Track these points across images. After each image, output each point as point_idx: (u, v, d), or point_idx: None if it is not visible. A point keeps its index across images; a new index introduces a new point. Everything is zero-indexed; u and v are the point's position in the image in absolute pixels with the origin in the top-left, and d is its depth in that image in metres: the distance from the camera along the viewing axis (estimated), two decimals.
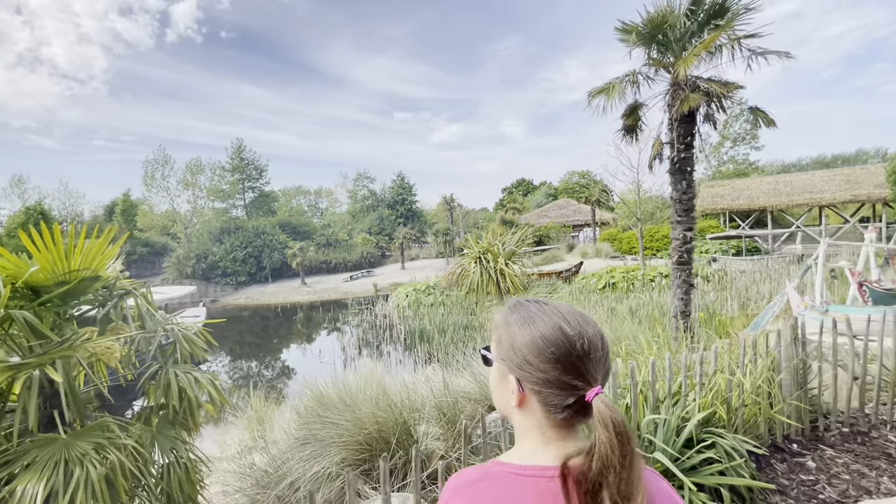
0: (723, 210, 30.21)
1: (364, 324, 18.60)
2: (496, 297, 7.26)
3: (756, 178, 32.45)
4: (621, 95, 6.06)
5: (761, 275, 18.63)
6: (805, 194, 27.59)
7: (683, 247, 6.06)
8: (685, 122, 5.89)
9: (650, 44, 5.84)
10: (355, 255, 37.59)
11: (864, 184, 25.76)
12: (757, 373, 3.25)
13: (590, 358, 0.70)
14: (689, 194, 6.03)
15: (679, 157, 5.96)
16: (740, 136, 41.07)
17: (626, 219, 30.32)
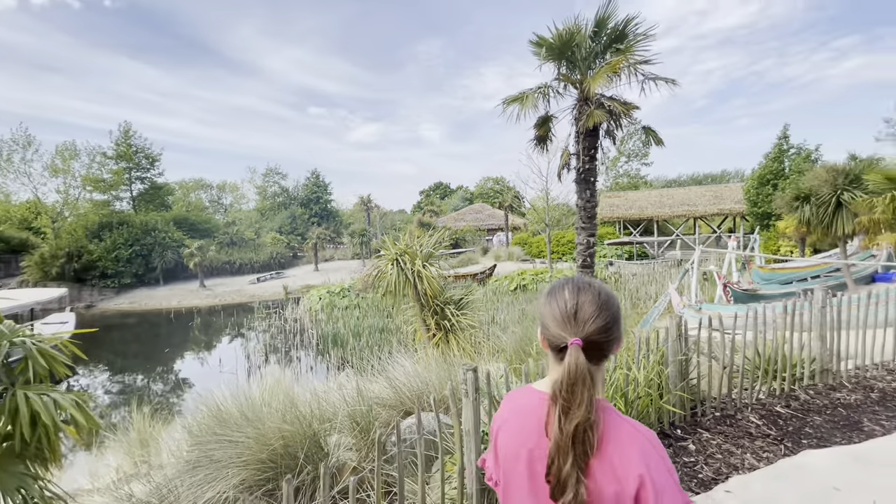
0: (618, 218, 33.38)
1: (272, 329, 17.44)
2: (413, 300, 7.20)
3: (645, 192, 36.39)
4: (534, 106, 6.39)
5: (649, 277, 20.89)
6: (683, 207, 31.53)
7: (587, 251, 6.55)
8: (590, 135, 6.38)
9: (560, 59, 6.24)
10: (263, 255, 35.16)
11: (727, 199, 30.15)
12: (649, 367, 3.57)
13: (576, 318, 0.96)
14: (592, 203, 6.54)
15: (584, 167, 6.44)
16: (634, 152, 45.77)
17: (535, 224, 32.14)
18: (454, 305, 7.02)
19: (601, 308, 0.97)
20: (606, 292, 1.02)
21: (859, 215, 11.78)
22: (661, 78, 6.18)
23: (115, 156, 36.03)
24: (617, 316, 0.99)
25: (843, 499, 2.73)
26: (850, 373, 4.81)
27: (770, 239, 23.27)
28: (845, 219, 12.66)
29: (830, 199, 13.00)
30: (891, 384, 4.53)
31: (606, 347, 0.97)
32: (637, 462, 0.87)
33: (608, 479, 0.88)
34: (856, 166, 14.48)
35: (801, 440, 3.55)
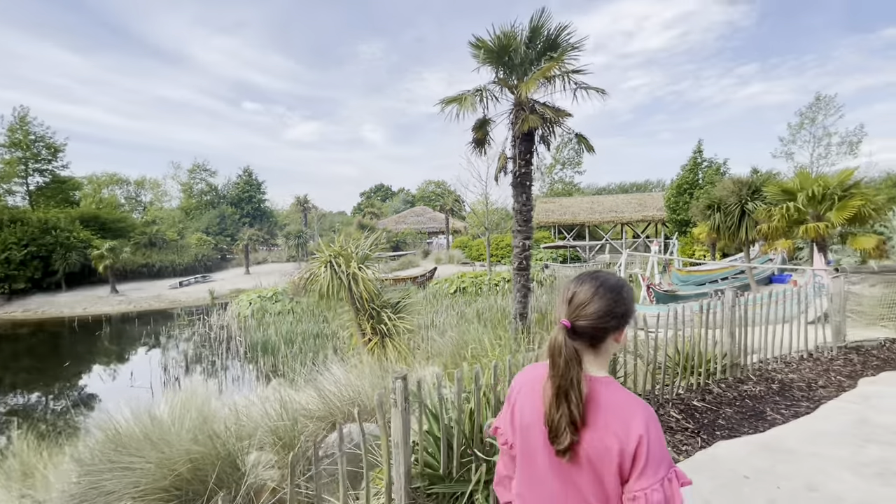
0: (553, 223, 34.80)
1: (196, 337, 16.12)
2: (348, 304, 6.91)
3: (578, 198, 38.30)
4: (472, 108, 6.40)
5: None
6: (611, 213, 33.55)
7: (522, 254, 6.66)
8: (525, 140, 6.50)
9: (497, 64, 6.31)
10: (187, 257, 32.52)
11: (650, 207, 32.51)
12: None
13: (570, 304, 1.11)
14: (528, 207, 6.67)
15: (520, 171, 6.55)
16: (568, 160, 48.03)
17: (476, 228, 32.59)
18: (391, 309, 6.83)
19: (595, 298, 1.09)
20: (610, 285, 1.12)
21: (760, 223, 13.12)
22: (592, 87, 6.46)
23: (9, 144, 31.68)
24: (612, 308, 1.09)
25: (752, 486, 2.91)
26: (755, 366, 5.25)
27: (687, 244, 25.35)
28: (748, 226, 14.09)
29: (736, 209, 14.43)
30: (788, 375, 4.99)
31: (595, 333, 1.09)
32: (638, 425, 1.01)
33: (603, 436, 1.02)
34: (757, 179, 16.22)
35: (715, 432, 3.78)
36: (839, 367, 5.16)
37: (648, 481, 0.97)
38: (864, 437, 3.52)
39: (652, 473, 0.97)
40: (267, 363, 11.80)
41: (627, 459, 0.99)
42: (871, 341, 5.81)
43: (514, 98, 6.40)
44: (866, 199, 10.30)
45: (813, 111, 31.29)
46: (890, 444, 3.39)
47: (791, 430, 3.73)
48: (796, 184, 11.66)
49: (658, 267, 18.11)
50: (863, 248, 10.65)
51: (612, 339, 1.12)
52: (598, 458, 1.02)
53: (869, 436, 3.53)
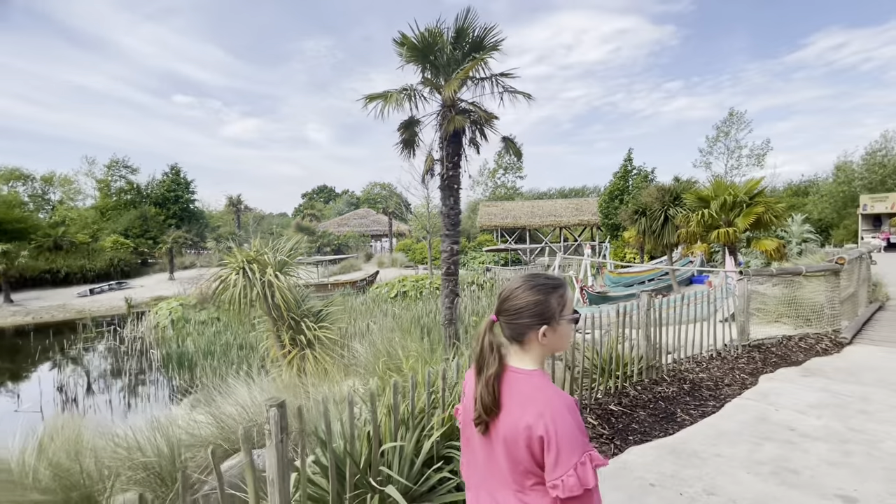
0: (496, 226, 35.37)
1: (103, 352, 14.53)
2: (265, 313, 6.40)
3: (519, 202, 39.23)
4: (398, 105, 6.16)
5: None
6: (551, 217, 34.69)
7: (451, 258, 6.50)
8: (453, 142, 6.36)
9: (423, 63, 6.13)
10: (100, 262, 29.47)
11: (585, 211, 33.97)
12: None
13: (500, 297, 1.23)
14: (455, 210, 6.53)
15: (448, 174, 6.40)
16: (510, 165, 49.14)
17: (419, 231, 32.36)
18: (313, 318, 6.40)
19: (517, 295, 1.17)
20: (537, 285, 1.18)
21: (680, 228, 14.00)
22: (519, 92, 6.46)
23: None
24: (530, 307, 1.15)
25: (656, 494, 2.88)
26: (669, 367, 5.42)
27: (618, 247, 26.69)
28: (670, 231, 15.03)
29: (660, 214, 15.35)
30: (698, 375, 5.19)
31: (514, 328, 1.17)
32: (545, 414, 1.05)
33: (516, 421, 1.08)
34: (678, 186, 17.38)
35: (628, 437, 3.78)
36: (743, 364, 5.45)
37: (563, 468, 1.02)
38: (761, 434, 3.66)
39: (566, 460, 1.02)
40: (184, 378, 10.81)
41: (536, 445, 1.05)
42: (771, 339, 6.23)
43: (442, 99, 6.24)
44: (768, 207, 11.27)
45: (727, 125, 34.24)
46: (785, 442, 3.53)
47: (697, 431, 3.81)
48: (711, 192, 12.53)
49: (591, 269, 18.85)
50: (765, 249, 11.62)
51: (534, 337, 1.16)
52: (511, 440, 1.09)
53: (766, 433, 3.67)
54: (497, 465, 1.15)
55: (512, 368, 1.16)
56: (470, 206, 48.04)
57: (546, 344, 1.17)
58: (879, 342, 6.27)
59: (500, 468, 1.14)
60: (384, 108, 6.05)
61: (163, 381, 11.39)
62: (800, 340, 6.24)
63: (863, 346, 6.16)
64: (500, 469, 1.14)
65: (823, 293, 6.72)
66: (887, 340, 6.30)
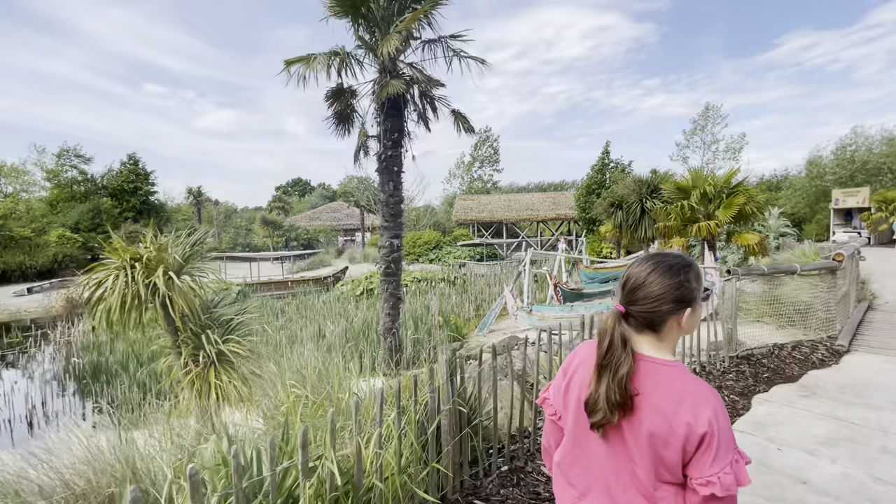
0: (472, 220, 34.44)
1: (24, 360, 12.96)
2: (163, 324, 5.23)
3: (496, 196, 38.38)
4: (325, 71, 5.05)
5: (495, 278, 21.45)
6: (528, 211, 33.94)
7: (391, 256, 5.45)
8: (392, 115, 5.29)
9: (354, 16, 5.02)
10: (43, 258, 27.33)
11: (562, 206, 33.33)
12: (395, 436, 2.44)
13: (625, 287, 1.12)
14: (396, 197, 5.47)
15: (386, 153, 5.33)
16: (487, 158, 48.27)
17: None
18: (221, 328, 5.26)
19: (648, 280, 1.08)
20: (668, 266, 1.09)
21: (658, 221, 13.27)
22: (472, 57, 5.44)
23: None
24: (667, 291, 1.06)
25: None
26: None
27: (594, 241, 26.09)
28: (647, 224, 14.33)
29: (636, 207, 14.64)
30: None
31: (651, 317, 1.08)
32: (707, 411, 0.99)
33: (669, 418, 1.00)
34: (655, 178, 16.76)
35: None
36: (732, 382, 4.58)
37: (720, 465, 0.97)
38: (767, 493, 2.75)
39: (723, 457, 0.98)
40: (104, 394, 9.45)
41: (693, 443, 0.98)
42: (761, 348, 5.40)
43: (379, 63, 5.16)
44: (749, 197, 10.58)
45: (703, 119, 34.02)
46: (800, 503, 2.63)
47: None
48: (690, 182, 11.80)
49: (566, 265, 18.07)
50: (747, 244, 10.96)
51: (673, 324, 1.09)
52: (661, 438, 1.01)
53: (773, 491, 2.76)
54: (627, 465, 1.06)
55: (649, 359, 1.08)
56: (446, 200, 47.00)
57: (686, 328, 1.10)
58: (878, 349, 5.52)
59: (633, 468, 1.05)
60: (306, 72, 4.93)
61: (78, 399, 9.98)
62: (793, 349, 5.43)
63: (861, 354, 5.39)
64: (631, 469, 1.06)
65: (817, 294, 5.94)
66: (886, 347, 5.56)
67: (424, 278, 20.34)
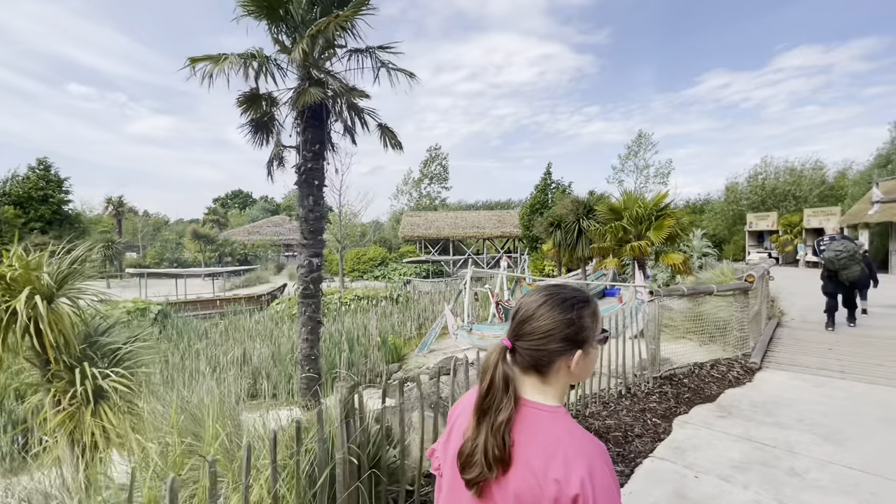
0: (419, 237, 34.23)
1: None
2: (31, 355, 4.46)
3: (443, 213, 38.52)
4: (240, 71, 4.64)
5: (440, 295, 21.24)
6: (474, 228, 34.30)
7: (309, 276, 5.04)
8: (314, 125, 4.96)
9: (270, 17, 4.69)
10: None
11: (507, 224, 34.03)
12: (268, 487, 2.07)
13: (515, 318, 0.99)
14: (316, 213, 5.09)
15: (306, 166, 4.97)
16: (435, 175, 48.56)
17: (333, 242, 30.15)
18: (108, 359, 4.57)
19: (538, 314, 0.96)
20: (563, 299, 0.97)
21: (594, 241, 13.72)
22: (400, 69, 5.26)
23: None
24: (558, 327, 0.94)
25: None
26: (573, 410, 4.40)
27: (538, 259, 26.71)
28: (584, 243, 14.80)
29: (574, 226, 15.10)
30: (605, 422, 4.20)
31: (537, 356, 0.95)
32: (580, 469, 0.84)
33: (538, 475, 0.86)
34: (591, 199, 17.47)
35: None
36: (655, 404, 4.57)
37: None
38: None
39: None
40: None
41: None
42: (683, 367, 5.51)
43: (295, 64, 4.83)
44: (676, 219, 11.18)
45: (636, 145, 36.35)
46: None
47: None
48: (622, 204, 12.31)
49: (509, 283, 18.24)
50: (672, 263, 11.53)
51: (562, 366, 0.95)
52: (529, 500, 0.86)
53: None
54: None
55: (531, 404, 0.94)
56: (394, 216, 46.58)
57: (577, 373, 0.97)
58: (786, 365, 5.82)
59: None
60: (213, 71, 4.49)
61: None
62: (711, 368, 5.59)
63: (772, 371, 5.65)
64: None
65: (733, 312, 6.20)
66: (793, 363, 5.88)
67: (366, 296, 19.74)
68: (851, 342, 6.79)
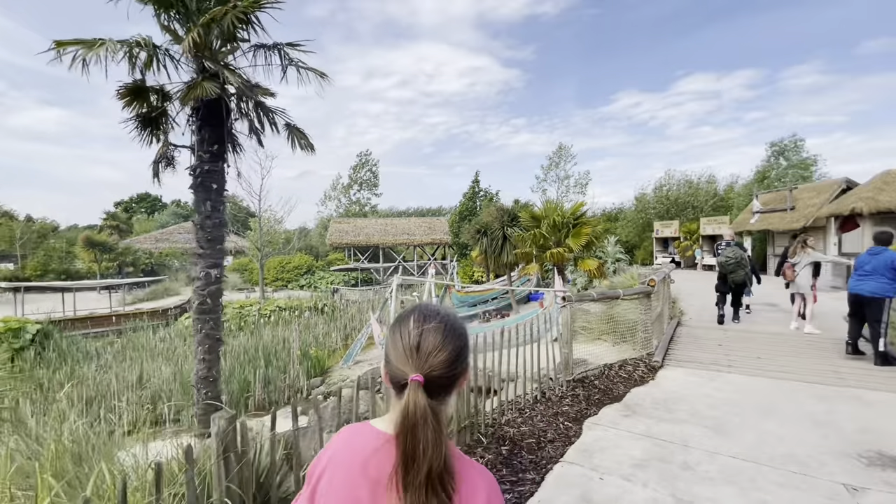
0: (347, 244, 33.27)
1: None
2: None
3: (372, 219, 37.88)
4: (123, 61, 4.09)
5: (368, 304, 20.71)
6: (405, 235, 34.06)
7: (207, 289, 4.57)
8: (211, 124, 4.53)
9: (159, 2, 4.20)
10: None
11: (437, 231, 34.24)
12: None
13: (419, 351, 0.86)
14: (214, 220, 4.64)
15: (202, 168, 4.51)
16: (366, 181, 47.69)
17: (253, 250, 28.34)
18: None
19: (447, 339, 0.89)
20: (454, 320, 0.94)
21: (518, 248, 14.16)
22: (311, 69, 4.99)
23: None
24: (463, 347, 0.92)
25: None
26: (489, 419, 4.37)
27: (467, 266, 27.12)
28: (509, 250, 15.25)
29: (499, 233, 15.52)
30: (520, 429, 4.22)
31: (450, 383, 0.89)
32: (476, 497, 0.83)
33: None
34: (516, 207, 18.12)
35: None
36: (567, 407, 4.69)
37: None
38: None
39: None
40: None
41: None
42: (594, 369, 5.76)
43: (191, 60, 4.38)
44: (592, 227, 11.87)
45: (558, 157, 38.44)
46: None
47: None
48: (543, 212, 12.84)
49: (437, 290, 18.26)
50: (589, 269, 12.20)
51: (458, 387, 0.92)
52: None
53: None
54: None
55: None
56: (321, 223, 44.93)
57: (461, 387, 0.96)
58: (684, 362, 6.30)
59: None
60: (86, 56, 3.90)
61: None
62: (620, 368, 5.90)
63: (672, 368, 6.08)
64: None
65: (638, 315, 6.62)
66: (690, 360, 6.38)
67: (289, 306, 18.71)
68: (737, 338, 7.56)
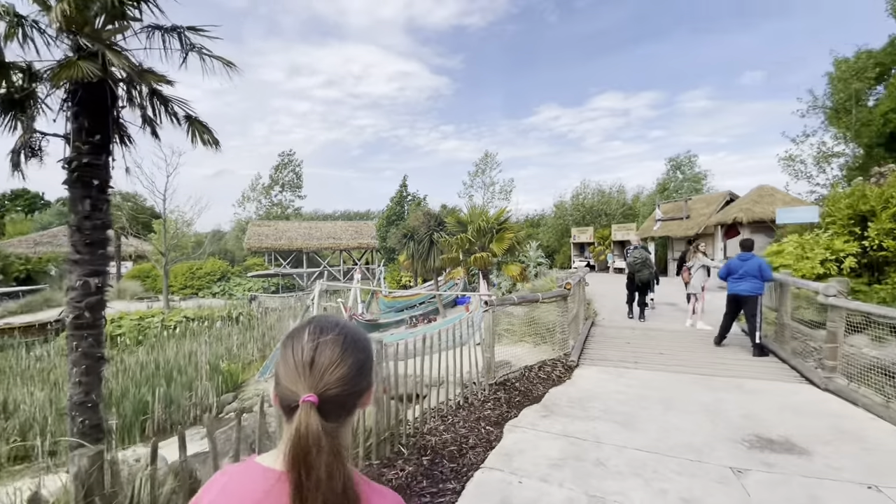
0: (268, 248, 31.36)
1: None
2: None
3: (295, 223, 36.14)
4: None
5: (289, 311, 19.63)
6: (330, 240, 32.89)
7: (84, 300, 3.94)
8: (92, 111, 3.94)
9: None
10: None
11: (364, 235, 33.52)
12: None
13: (312, 368, 0.74)
14: (96, 220, 4.02)
15: (80, 161, 3.90)
16: (288, 182, 45.42)
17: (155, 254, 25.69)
18: None
19: (346, 352, 0.78)
20: (355, 332, 0.83)
21: (444, 252, 14.26)
22: (216, 56, 4.56)
23: None
24: (366, 361, 0.81)
25: None
26: (410, 429, 4.26)
27: (395, 270, 26.83)
28: (436, 255, 15.31)
29: (426, 238, 15.53)
30: (442, 437, 4.16)
31: (350, 402, 0.78)
32: None
33: None
34: (443, 212, 18.29)
35: None
36: (489, 411, 4.73)
37: None
38: None
39: None
40: None
41: None
42: (515, 372, 5.90)
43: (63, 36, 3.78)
44: (514, 233, 12.29)
45: (483, 164, 39.57)
46: None
47: None
48: (468, 217, 13.07)
49: (364, 295, 17.80)
50: (512, 274, 12.62)
51: (361, 405, 0.81)
52: None
53: None
54: None
55: None
56: (238, 226, 41.99)
57: (367, 405, 0.84)
58: (598, 361, 6.67)
59: None
60: None
61: None
62: (539, 369, 6.09)
63: (587, 367, 6.41)
64: None
65: (556, 317, 6.91)
66: (602, 359, 6.77)
67: (199, 316, 17.14)
68: (643, 336, 8.20)
